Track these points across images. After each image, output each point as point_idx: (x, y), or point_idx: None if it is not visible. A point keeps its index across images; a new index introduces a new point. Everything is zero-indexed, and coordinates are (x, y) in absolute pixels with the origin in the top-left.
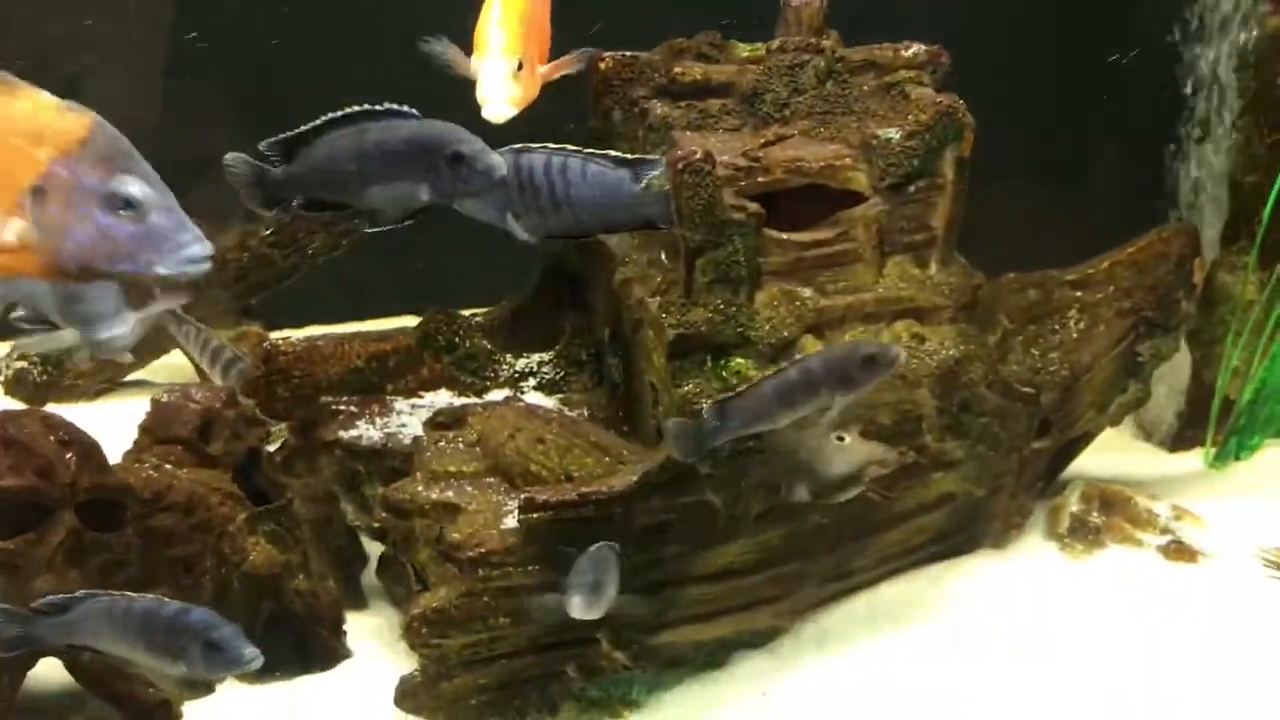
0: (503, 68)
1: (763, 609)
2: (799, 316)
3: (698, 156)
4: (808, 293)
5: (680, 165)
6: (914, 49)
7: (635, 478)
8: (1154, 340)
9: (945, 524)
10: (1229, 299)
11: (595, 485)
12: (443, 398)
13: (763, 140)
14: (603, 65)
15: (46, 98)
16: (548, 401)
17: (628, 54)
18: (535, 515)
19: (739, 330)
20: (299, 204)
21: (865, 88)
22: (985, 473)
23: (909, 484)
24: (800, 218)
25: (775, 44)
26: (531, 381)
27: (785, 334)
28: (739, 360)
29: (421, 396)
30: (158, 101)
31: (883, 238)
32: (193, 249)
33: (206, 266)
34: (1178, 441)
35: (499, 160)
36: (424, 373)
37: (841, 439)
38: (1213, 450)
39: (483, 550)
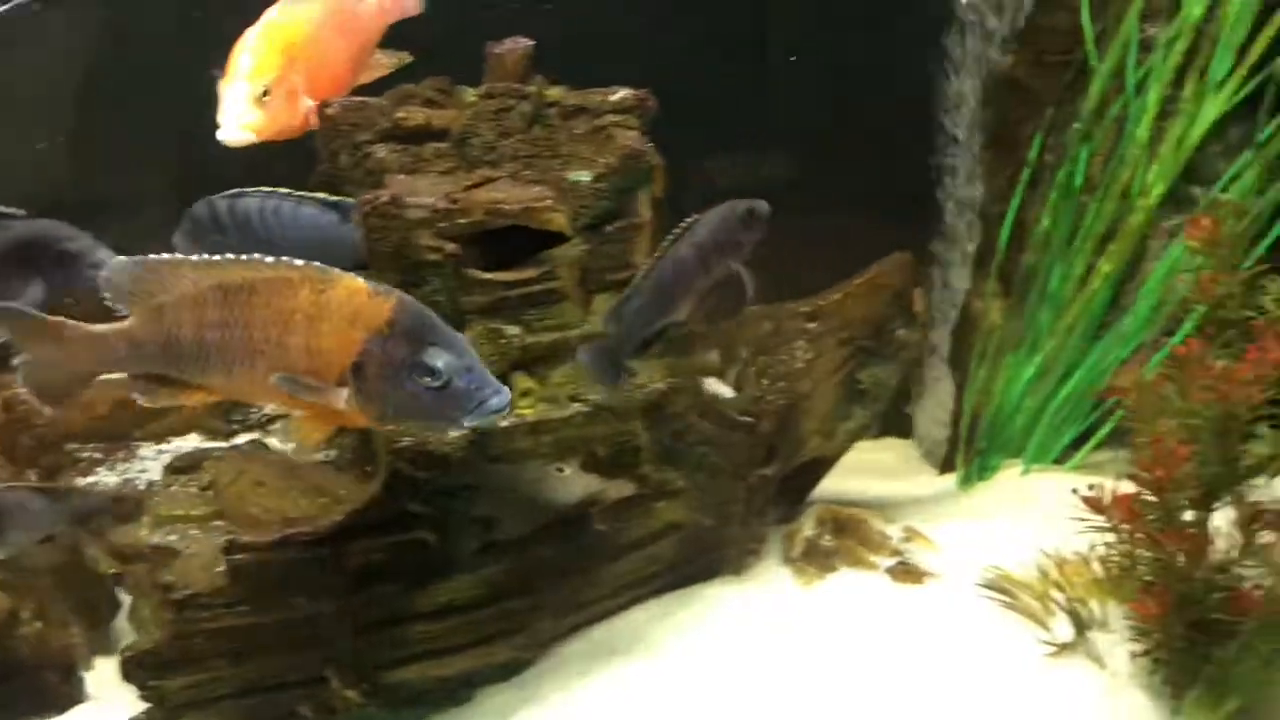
0: (241, 92)
1: (499, 643)
2: (504, 353)
3: (384, 200)
4: (514, 330)
5: (367, 209)
6: (620, 94)
7: (340, 518)
8: (872, 369)
9: (677, 553)
10: (979, 323)
11: (299, 527)
12: (191, 443)
13: (467, 183)
14: (329, 111)
15: (358, 283)
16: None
17: (355, 99)
18: (240, 557)
19: None
20: None
21: (577, 131)
22: (710, 501)
23: (633, 514)
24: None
25: (483, 89)
26: (279, 424)
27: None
28: None
29: (169, 442)
30: None
31: (586, 276)
32: (492, 402)
33: (506, 409)
34: (946, 464)
35: (108, 253)
36: (173, 419)
37: (561, 470)
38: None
39: (190, 592)
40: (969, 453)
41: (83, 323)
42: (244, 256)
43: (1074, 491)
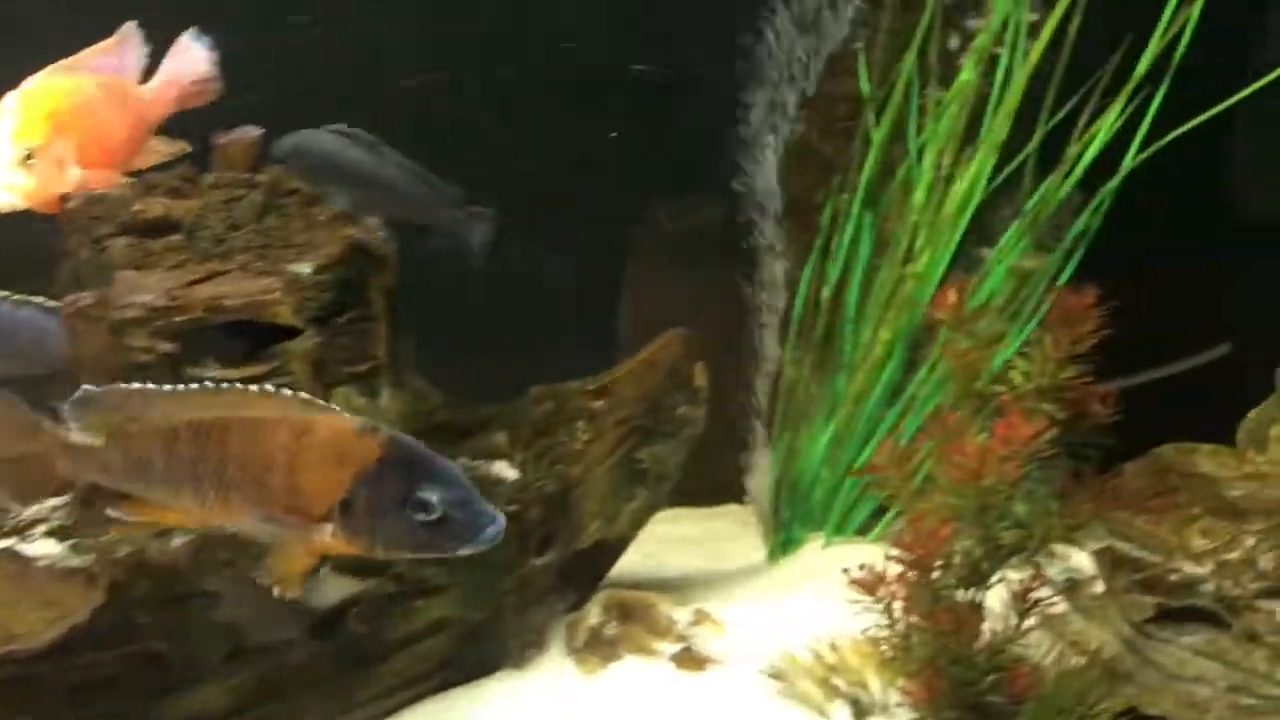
0: (3, 155)
1: None
2: None
3: (86, 302)
4: None
5: (69, 311)
6: None
7: (59, 634)
8: (652, 447)
9: (451, 649)
10: (784, 390)
11: (10, 646)
12: None
13: (191, 278)
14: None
15: (343, 422)
16: (59, 548)
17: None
18: None
19: None
20: None
21: (320, 219)
22: (478, 595)
23: (395, 613)
24: None
25: (210, 180)
26: (41, 528)
27: None
28: None
29: None
30: None
31: (321, 369)
32: (487, 532)
33: (500, 535)
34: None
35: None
36: None
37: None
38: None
39: None
40: (776, 524)
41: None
42: (221, 385)
43: (845, 570)
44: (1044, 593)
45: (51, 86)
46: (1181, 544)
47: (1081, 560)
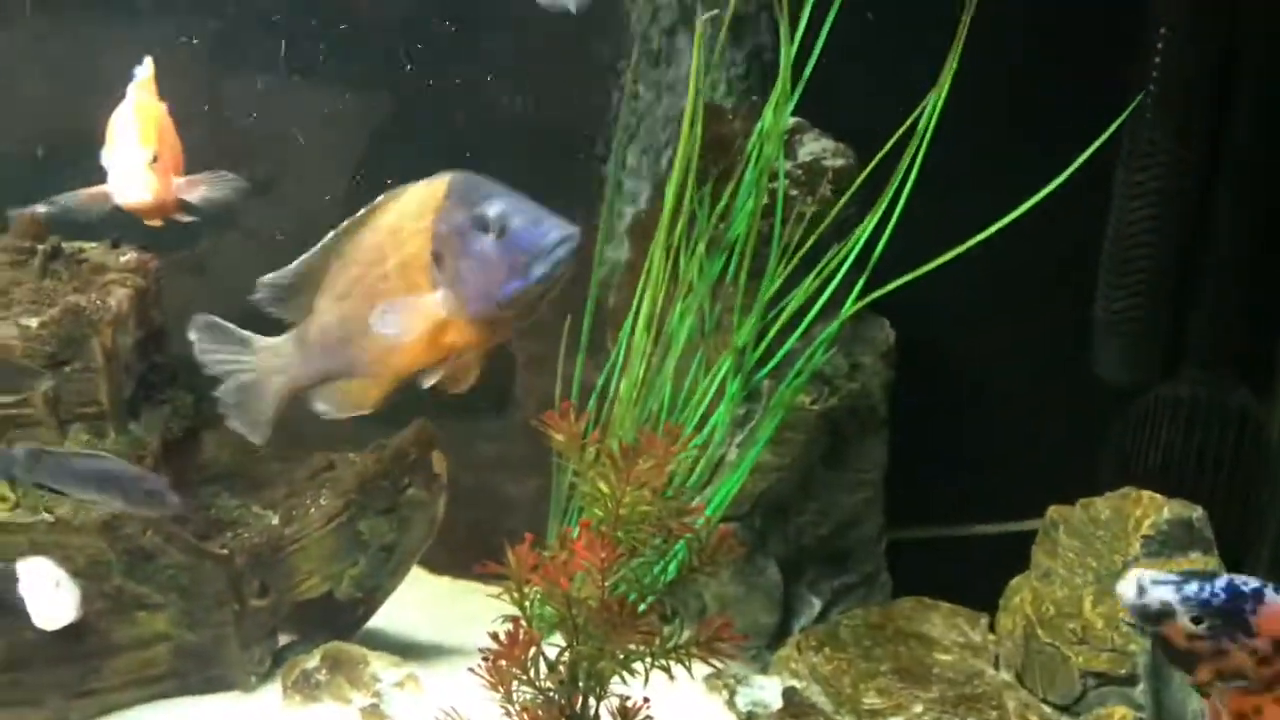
0: (137, 156)
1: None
2: None
3: None
4: None
5: None
6: (128, 256)
7: None
8: (369, 520)
9: (177, 662)
10: None
11: None
12: None
13: None
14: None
15: (420, 183)
16: None
17: None
18: None
19: None
20: None
21: (91, 281)
22: (193, 620)
23: (118, 619)
24: None
25: (2, 242)
26: None
27: None
28: None
29: None
30: None
31: (57, 407)
32: (552, 236)
33: (574, 246)
34: None
35: None
36: None
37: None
38: None
39: None
40: None
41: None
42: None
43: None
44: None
45: (149, 104)
46: (853, 698)
47: (774, 694)
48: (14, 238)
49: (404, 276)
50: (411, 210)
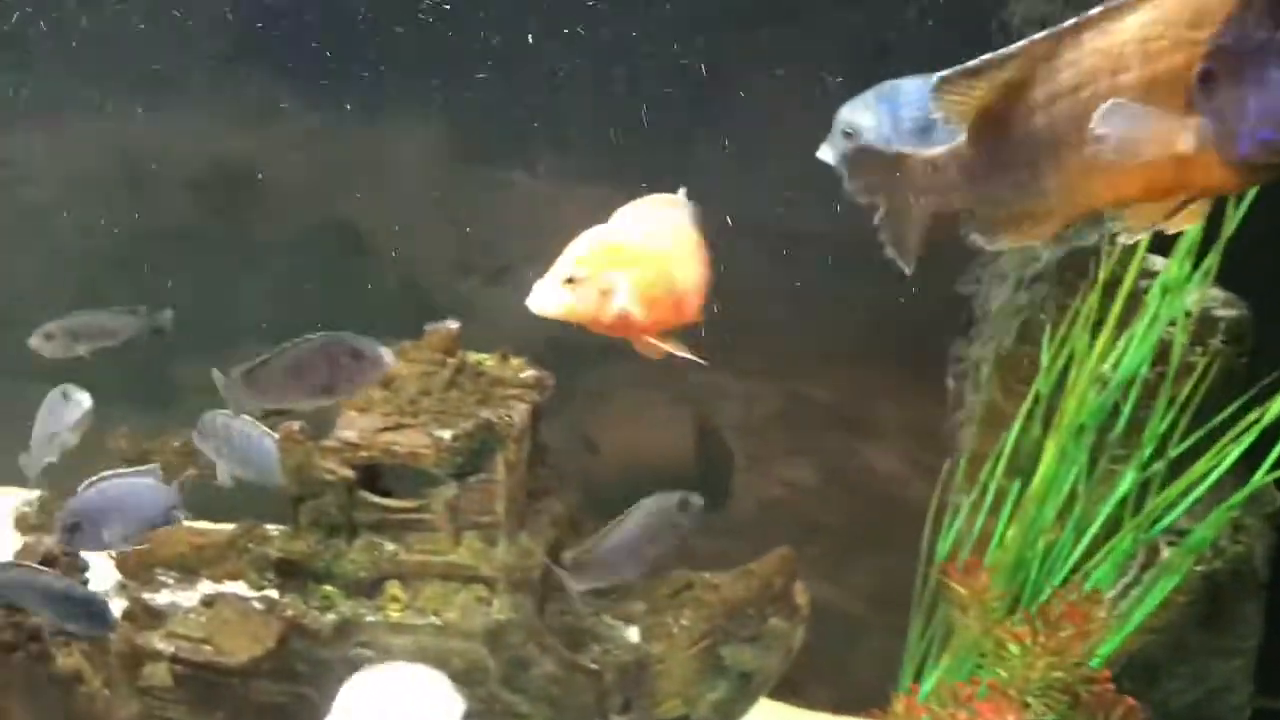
0: (553, 271)
1: None
2: (376, 563)
3: (293, 429)
4: (391, 547)
5: (283, 434)
6: (526, 373)
7: (246, 659)
8: (732, 647)
9: None
10: None
11: (213, 657)
12: (238, 588)
13: (382, 426)
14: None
15: None
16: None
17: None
18: (178, 668)
19: (324, 565)
20: None
21: (498, 394)
22: None
23: None
24: None
25: (413, 354)
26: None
27: (363, 575)
28: (328, 588)
29: (224, 583)
30: None
31: (456, 515)
32: None
33: None
34: None
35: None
36: (228, 566)
37: None
38: None
39: (152, 685)
40: None
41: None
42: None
43: None
44: None
45: (618, 229)
46: None
47: None
48: (429, 349)
49: (1149, 95)
50: (1180, 17)
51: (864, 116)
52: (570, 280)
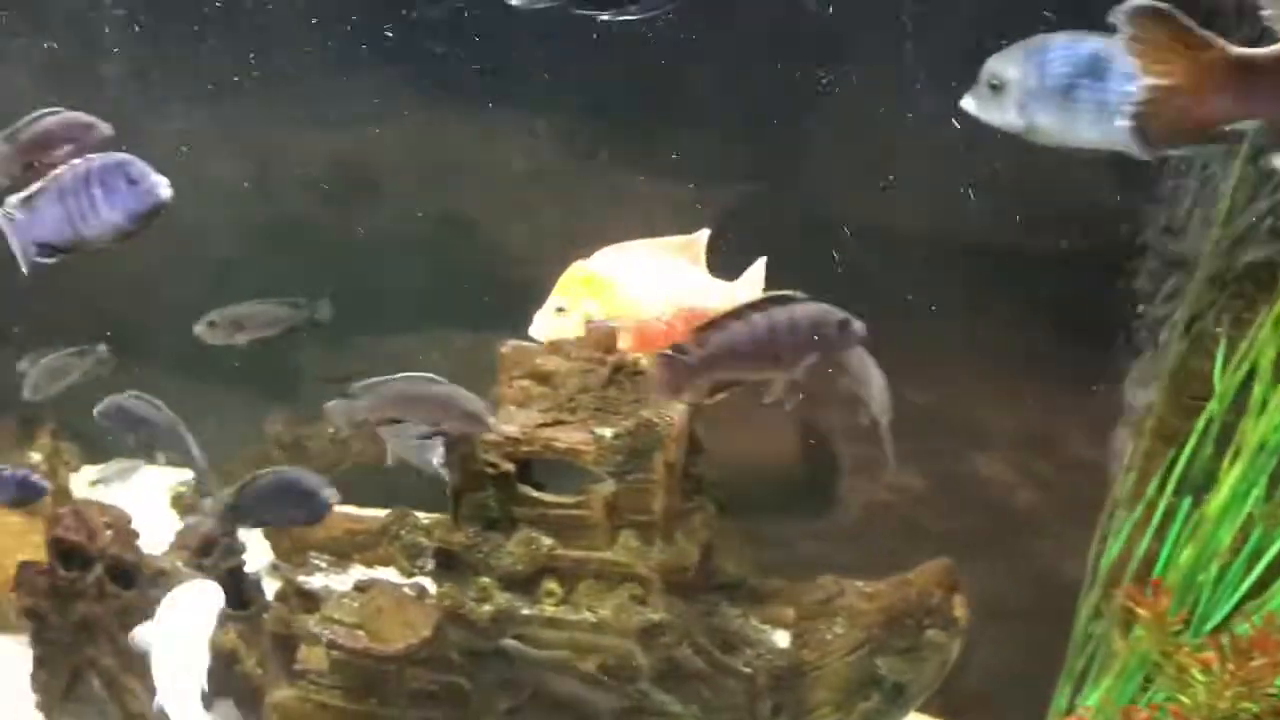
0: (548, 304)
1: None
2: (533, 557)
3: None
4: (549, 541)
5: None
6: None
7: (403, 647)
8: (888, 657)
9: None
10: None
11: (371, 644)
12: (389, 574)
13: (542, 422)
14: None
15: None
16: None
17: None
18: (335, 654)
19: (482, 557)
20: None
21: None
22: None
23: None
24: None
25: (573, 352)
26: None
27: (519, 569)
28: (485, 580)
29: (375, 569)
30: None
31: (614, 513)
32: None
33: None
34: None
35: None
36: (380, 552)
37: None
38: None
39: (307, 668)
40: None
41: None
42: None
43: None
44: None
45: (598, 263)
46: None
47: None
48: (589, 347)
49: None
50: None
51: (1011, 69)
52: (560, 310)
